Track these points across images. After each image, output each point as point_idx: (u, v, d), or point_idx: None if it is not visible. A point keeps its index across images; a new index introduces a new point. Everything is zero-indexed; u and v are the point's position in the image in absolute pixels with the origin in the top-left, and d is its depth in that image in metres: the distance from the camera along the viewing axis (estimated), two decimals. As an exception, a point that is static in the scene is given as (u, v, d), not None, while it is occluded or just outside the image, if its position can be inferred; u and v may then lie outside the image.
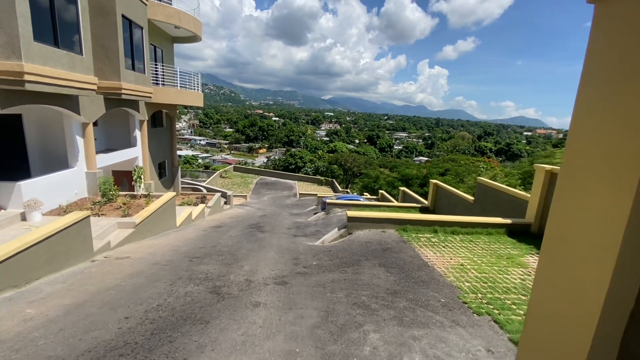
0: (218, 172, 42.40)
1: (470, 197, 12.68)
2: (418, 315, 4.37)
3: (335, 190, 39.41)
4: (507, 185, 13.40)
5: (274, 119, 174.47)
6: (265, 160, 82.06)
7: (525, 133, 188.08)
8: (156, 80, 14.05)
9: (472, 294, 5.20)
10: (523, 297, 5.16)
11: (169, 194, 9.65)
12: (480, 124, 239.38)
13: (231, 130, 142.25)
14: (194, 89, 15.64)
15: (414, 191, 21.97)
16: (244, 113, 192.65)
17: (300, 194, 34.52)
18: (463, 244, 7.79)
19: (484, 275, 5.96)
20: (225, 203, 21.14)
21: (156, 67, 14.05)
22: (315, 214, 17.71)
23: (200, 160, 74.15)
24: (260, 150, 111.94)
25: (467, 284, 5.53)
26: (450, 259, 6.76)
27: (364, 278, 5.56)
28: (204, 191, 20.15)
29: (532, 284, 5.82)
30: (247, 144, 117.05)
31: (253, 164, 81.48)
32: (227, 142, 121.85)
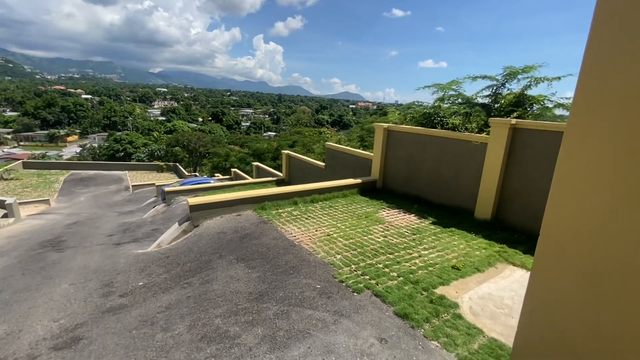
0: (-7, 172, 29.47)
1: (321, 163, 12.77)
2: (294, 320, 3.29)
3: (180, 175, 34.52)
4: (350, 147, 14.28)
5: (84, 96, 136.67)
6: (78, 150, 63.90)
7: (350, 106, 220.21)
8: None
9: (346, 266, 4.58)
10: (391, 256, 4.94)
11: None
12: (316, 99, 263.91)
13: (15, 114, 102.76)
14: None
15: (267, 165, 21.25)
16: (33, 90, 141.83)
17: (133, 186, 28.23)
18: (324, 211, 7.34)
19: (351, 241, 5.52)
20: (5, 216, 14.44)
21: None
22: (154, 207, 14.36)
23: (-38, 161, 50.37)
24: (69, 138, 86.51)
25: (339, 257, 4.90)
26: (316, 230, 6.09)
27: (218, 287, 4.05)
28: (-45, 204, 12.95)
29: (394, 239, 5.82)
30: (46, 131, 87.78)
31: (60, 156, 61.98)
32: (11, 130, 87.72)
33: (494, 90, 7.35)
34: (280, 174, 15.83)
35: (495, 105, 7.38)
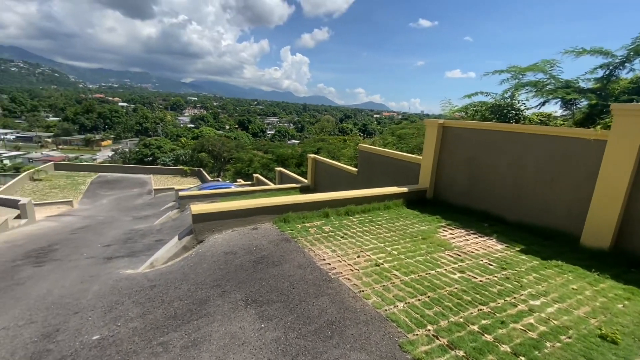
0: (26, 173, 30.18)
1: (353, 169, 11.08)
2: None
3: (203, 180, 33.98)
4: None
5: (120, 104, 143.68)
6: (111, 154, 66.09)
7: (375, 116, 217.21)
8: None
9: (419, 327, 2.81)
10: (485, 309, 3.11)
11: None
12: (340, 109, 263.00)
13: (57, 119, 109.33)
14: None
15: (291, 172, 19.83)
16: (75, 97, 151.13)
17: (156, 189, 27.84)
18: (364, 227, 5.62)
19: (413, 277, 3.75)
20: (19, 217, 13.82)
21: None
22: (167, 214, 13.22)
23: (7, 162, 53.28)
24: (104, 143, 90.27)
25: (401, 305, 3.14)
26: (358, 256, 4.37)
27: (208, 357, 2.42)
28: (-33, 203, 12.43)
29: (478, 277, 3.95)
30: (83, 136, 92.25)
31: (94, 159, 64.46)
32: (51, 134, 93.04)
33: (608, 72, 5.32)
34: (305, 181, 14.28)
35: (602, 94, 5.39)
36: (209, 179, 34.00)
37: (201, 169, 37.38)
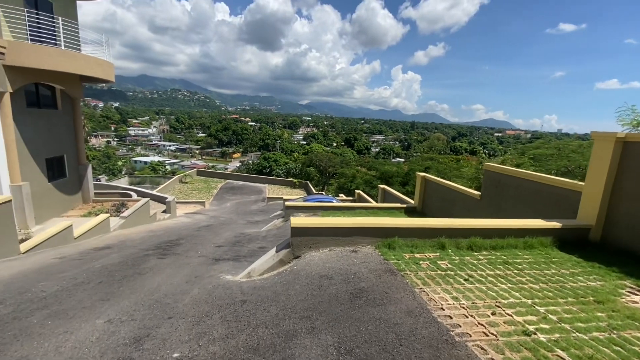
0: (177, 176, 37.58)
1: (475, 192, 9.30)
2: None
3: (309, 192, 35.73)
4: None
5: (250, 123, 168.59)
6: (238, 165, 77.33)
7: (495, 134, 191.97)
8: (35, 35, 9.79)
9: None
10: None
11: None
12: (453, 127, 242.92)
13: (203, 135, 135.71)
14: (104, 57, 11.45)
15: (395, 190, 18.62)
16: (218, 118, 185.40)
17: (268, 198, 30.56)
18: (497, 270, 4.24)
19: (597, 369, 2.36)
20: (165, 211, 16.86)
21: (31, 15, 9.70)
22: (273, 222, 13.91)
23: (168, 167, 68.76)
24: (235, 155, 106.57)
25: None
26: (493, 312, 3.15)
27: None
28: (134, 196, 15.86)
29: None
30: (220, 149, 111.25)
31: (226, 168, 76.51)
32: (199, 147, 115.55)
33: None
34: (412, 201, 12.95)
35: None
36: (314, 191, 35.50)
37: (308, 182, 39.46)
